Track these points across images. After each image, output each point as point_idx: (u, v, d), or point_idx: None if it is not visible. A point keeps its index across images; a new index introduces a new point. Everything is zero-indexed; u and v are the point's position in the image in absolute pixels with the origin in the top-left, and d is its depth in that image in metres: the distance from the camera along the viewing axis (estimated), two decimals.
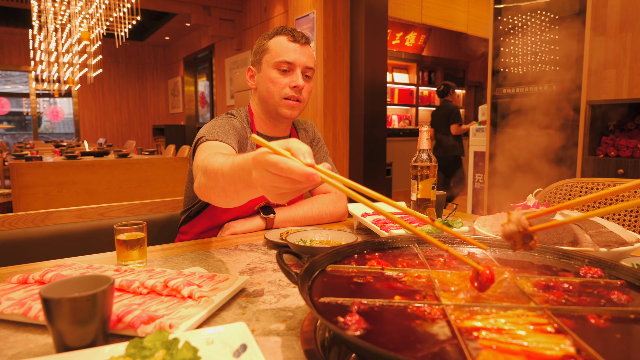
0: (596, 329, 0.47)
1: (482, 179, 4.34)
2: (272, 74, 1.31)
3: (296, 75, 1.31)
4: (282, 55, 1.29)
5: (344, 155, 4.25)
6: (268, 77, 1.31)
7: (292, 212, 1.35)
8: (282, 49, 1.30)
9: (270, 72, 1.31)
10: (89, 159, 4.50)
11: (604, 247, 0.84)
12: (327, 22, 4.01)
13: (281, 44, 1.30)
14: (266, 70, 1.32)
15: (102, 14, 5.42)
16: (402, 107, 7.99)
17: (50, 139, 10.61)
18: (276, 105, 1.33)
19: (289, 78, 1.31)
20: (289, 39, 1.31)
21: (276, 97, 1.31)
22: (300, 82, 1.31)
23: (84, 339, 0.53)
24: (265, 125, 1.40)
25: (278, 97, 1.31)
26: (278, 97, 1.31)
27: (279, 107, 1.33)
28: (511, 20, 3.33)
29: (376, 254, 0.73)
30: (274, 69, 1.30)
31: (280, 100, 1.32)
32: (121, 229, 0.93)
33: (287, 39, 1.31)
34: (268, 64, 1.31)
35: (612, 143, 2.80)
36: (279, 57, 1.29)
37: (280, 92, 1.31)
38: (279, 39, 1.31)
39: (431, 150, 1.34)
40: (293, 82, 1.30)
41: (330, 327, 0.43)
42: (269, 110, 1.35)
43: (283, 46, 1.30)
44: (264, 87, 1.33)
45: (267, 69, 1.32)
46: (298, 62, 1.30)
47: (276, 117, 1.36)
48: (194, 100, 10.59)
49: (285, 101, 1.32)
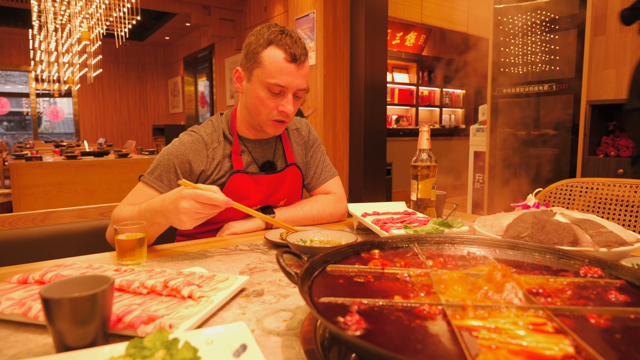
0: (596, 329, 0.47)
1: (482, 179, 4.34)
2: (262, 93, 1.22)
3: (287, 99, 1.23)
4: (275, 77, 1.19)
5: (344, 155, 4.25)
6: (257, 95, 1.23)
7: (292, 213, 1.35)
8: (277, 69, 1.19)
9: (260, 90, 1.22)
10: (89, 159, 4.50)
11: (604, 247, 0.84)
12: (327, 22, 4.01)
13: (277, 63, 1.19)
14: (256, 86, 1.23)
15: (102, 14, 5.42)
16: (402, 107, 7.99)
17: (50, 139, 10.61)
18: (262, 124, 1.28)
19: (278, 101, 1.23)
20: (287, 57, 1.19)
21: (263, 117, 1.26)
22: (290, 108, 1.24)
23: (84, 339, 0.53)
24: (248, 130, 1.35)
25: (265, 118, 1.26)
26: (265, 117, 1.26)
27: (264, 125, 1.28)
28: (511, 20, 3.33)
29: (376, 253, 0.73)
30: (264, 88, 1.22)
31: (267, 120, 1.26)
32: (121, 229, 0.93)
33: (285, 57, 1.19)
34: (259, 80, 1.22)
35: (612, 143, 2.80)
36: (272, 78, 1.19)
37: (268, 114, 1.25)
38: (275, 53, 1.19)
39: (431, 150, 1.34)
40: (282, 107, 1.23)
41: (330, 327, 0.43)
42: (253, 123, 1.31)
43: (278, 67, 1.19)
44: (251, 102, 1.26)
45: (257, 85, 1.23)
46: (291, 86, 1.22)
47: (260, 130, 1.32)
48: (194, 100, 10.59)
49: (271, 122, 1.27)
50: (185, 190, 0.93)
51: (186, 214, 0.94)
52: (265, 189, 1.34)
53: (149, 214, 1.03)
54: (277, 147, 1.42)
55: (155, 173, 1.23)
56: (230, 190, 1.27)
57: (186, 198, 0.93)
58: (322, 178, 1.49)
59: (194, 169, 1.26)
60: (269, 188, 1.35)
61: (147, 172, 1.24)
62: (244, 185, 1.30)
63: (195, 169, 1.26)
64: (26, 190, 3.93)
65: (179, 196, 0.94)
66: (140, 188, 1.22)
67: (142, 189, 1.21)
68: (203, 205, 0.93)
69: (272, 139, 1.41)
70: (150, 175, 1.23)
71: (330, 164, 1.54)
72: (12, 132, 10.76)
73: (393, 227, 1.07)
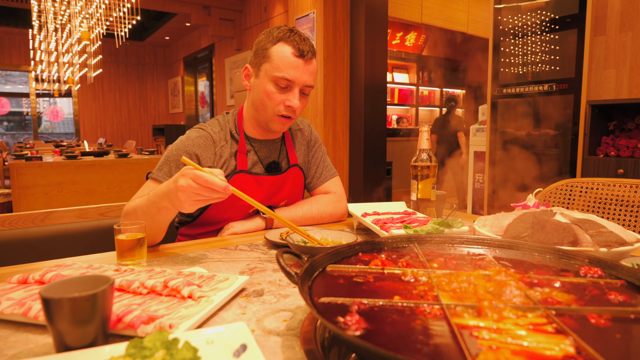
0: (596, 329, 0.47)
1: (482, 179, 4.34)
2: (269, 87, 1.24)
3: (293, 94, 1.24)
4: (282, 71, 1.21)
5: (344, 155, 4.25)
6: (264, 89, 1.24)
7: (292, 212, 1.35)
8: (285, 63, 1.21)
9: (267, 84, 1.24)
10: (89, 159, 4.50)
11: (604, 247, 0.84)
12: (327, 22, 4.01)
13: (285, 57, 1.21)
14: (263, 80, 1.25)
15: (102, 14, 5.41)
16: (402, 107, 7.99)
17: (50, 139, 10.61)
18: (268, 119, 1.28)
19: (285, 95, 1.24)
20: (295, 52, 1.21)
21: (269, 111, 1.26)
22: (296, 102, 1.24)
23: (84, 339, 0.53)
24: (255, 129, 1.35)
25: (271, 112, 1.26)
26: (271, 112, 1.26)
27: (270, 122, 1.29)
28: (511, 20, 3.33)
29: (376, 254, 0.73)
30: (271, 82, 1.23)
31: (272, 115, 1.27)
32: (121, 229, 0.93)
33: (293, 52, 1.21)
34: (267, 74, 1.24)
35: (612, 143, 2.80)
36: (279, 71, 1.21)
37: (274, 108, 1.25)
38: (284, 48, 1.21)
39: (431, 150, 1.34)
40: (288, 102, 1.24)
41: (330, 327, 0.43)
42: (259, 120, 1.31)
43: (286, 60, 1.21)
44: (258, 97, 1.27)
45: (264, 80, 1.24)
46: (298, 80, 1.23)
47: (266, 127, 1.32)
48: (194, 100, 10.59)
49: (277, 117, 1.27)
50: (186, 169, 0.93)
51: (184, 192, 0.92)
52: (267, 190, 1.34)
53: (157, 198, 1.01)
54: (282, 148, 1.42)
55: (164, 169, 1.22)
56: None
57: (185, 176, 0.92)
58: (323, 178, 1.50)
59: (202, 164, 1.26)
60: (271, 189, 1.35)
61: (156, 169, 1.23)
62: (246, 186, 1.30)
63: (203, 164, 1.26)
64: (26, 190, 3.93)
65: (179, 174, 0.94)
66: (150, 185, 1.21)
67: (151, 186, 1.20)
68: (200, 187, 0.90)
69: (278, 140, 1.41)
70: (159, 172, 1.22)
71: (331, 164, 1.54)
72: (12, 132, 10.76)
73: (393, 227, 1.07)
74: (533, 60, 3.21)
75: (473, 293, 0.55)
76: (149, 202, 1.04)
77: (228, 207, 1.27)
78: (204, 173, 0.90)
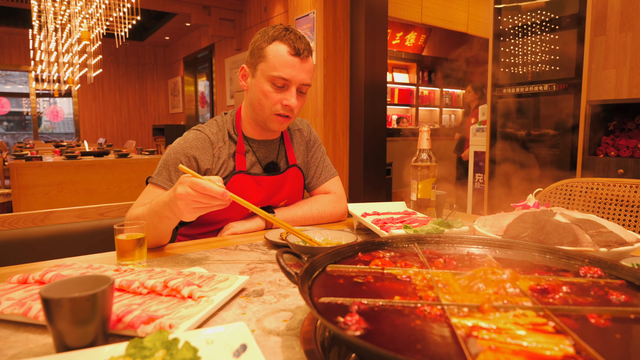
0: (596, 329, 0.47)
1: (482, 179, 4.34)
2: (266, 86, 1.23)
3: (290, 93, 1.24)
4: (278, 70, 1.21)
5: (344, 155, 4.25)
6: (261, 89, 1.24)
7: (292, 212, 1.35)
8: (281, 62, 1.21)
9: (264, 84, 1.24)
10: (89, 159, 4.50)
11: (604, 247, 0.84)
12: (327, 22, 4.00)
13: (280, 56, 1.21)
14: (260, 80, 1.24)
15: (102, 14, 5.41)
16: (402, 107, 7.99)
17: (50, 139, 10.60)
18: (265, 119, 1.28)
19: (282, 94, 1.24)
20: (290, 51, 1.21)
21: (266, 111, 1.26)
22: (293, 101, 1.24)
23: (84, 339, 0.53)
24: (253, 130, 1.35)
25: (268, 112, 1.26)
26: (269, 111, 1.26)
27: (268, 121, 1.28)
28: (511, 20, 3.33)
29: (376, 254, 0.73)
30: (268, 81, 1.23)
31: (270, 115, 1.27)
32: (121, 229, 0.93)
33: (288, 50, 1.21)
34: (263, 74, 1.23)
35: (612, 143, 2.80)
36: (275, 71, 1.21)
37: (271, 108, 1.25)
38: (279, 47, 1.21)
39: (431, 150, 1.34)
40: (285, 101, 1.24)
41: (330, 327, 0.43)
42: (257, 120, 1.31)
43: (282, 59, 1.21)
44: (255, 97, 1.27)
45: (261, 79, 1.24)
46: (295, 79, 1.22)
47: (264, 127, 1.32)
48: (194, 100, 10.58)
49: (274, 116, 1.27)
50: (184, 177, 0.94)
51: (182, 200, 0.92)
52: (266, 190, 1.34)
53: (158, 207, 1.02)
54: (280, 148, 1.42)
55: (164, 174, 1.22)
56: (231, 190, 1.27)
57: (182, 184, 0.92)
58: (322, 178, 1.50)
59: (200, 166, 1.26)
60: (270, 189, 1.35)
61: (155, 173, 1.23)
62: (245, 186, 1.30)
63: (202, 166, 1.26)
64: (26, 190, 3.93)
65: (178, 182, 0.95)
66: (151, 190, 1.21)
67: (152, 191, 1.20)
68: (199, 194, 0.91)
69: (276, 140, 1.41)
70: (158, 176, 1.22)
71: (330, 164, 1.54)
72: (12, 132, 10.76)
73: (393, 227, 1.07)
74: (533, 60, 3.20)
75: (473, 293, 0.55)
76: (151, 211, 1.04)
77: (228, 207, 1.26)
78: (201, 180, 0.91)
